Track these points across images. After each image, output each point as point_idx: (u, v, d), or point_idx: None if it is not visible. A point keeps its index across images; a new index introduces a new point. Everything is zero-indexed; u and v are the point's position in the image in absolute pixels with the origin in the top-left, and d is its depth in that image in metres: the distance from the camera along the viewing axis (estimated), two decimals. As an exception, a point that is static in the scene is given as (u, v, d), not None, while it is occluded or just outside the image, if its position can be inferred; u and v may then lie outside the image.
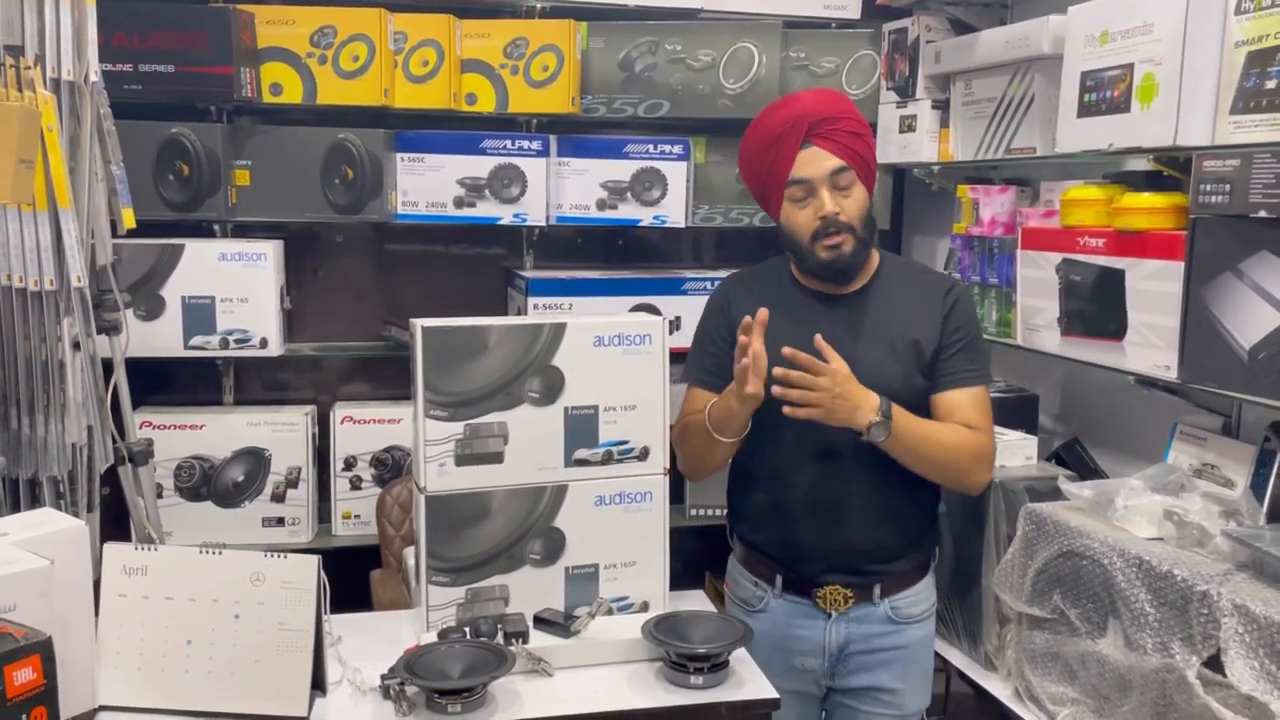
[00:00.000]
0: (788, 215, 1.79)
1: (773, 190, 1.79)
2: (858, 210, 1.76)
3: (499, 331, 1.68)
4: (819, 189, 1.74)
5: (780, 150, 1.75)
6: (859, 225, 1.76)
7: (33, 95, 1.68)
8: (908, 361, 1.79)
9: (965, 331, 1.82)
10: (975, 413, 1.80)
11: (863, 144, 1.78)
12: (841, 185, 1.75)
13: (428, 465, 1.66)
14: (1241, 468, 1.82)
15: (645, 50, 2.68)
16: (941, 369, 1.80)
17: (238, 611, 1.47)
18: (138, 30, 2.40)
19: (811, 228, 1.76)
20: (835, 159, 1.74)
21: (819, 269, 1.79)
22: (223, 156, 2.52)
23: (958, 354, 1.80)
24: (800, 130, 1.74)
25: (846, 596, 1.82)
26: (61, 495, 1.83)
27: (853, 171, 1.75)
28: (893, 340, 1.79)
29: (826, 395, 1.64)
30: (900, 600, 1.84)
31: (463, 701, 1.47)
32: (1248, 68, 1.64)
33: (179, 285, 2.51)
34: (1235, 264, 1.65)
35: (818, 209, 1.75)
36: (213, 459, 2.60)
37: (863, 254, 1.79)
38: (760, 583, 1.89)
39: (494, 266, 2.94)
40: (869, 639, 1.84)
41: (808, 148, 1.74)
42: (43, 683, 1.19)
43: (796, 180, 1.75)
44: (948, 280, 1.90)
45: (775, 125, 1.77)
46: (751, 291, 1.89)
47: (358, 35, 2.51)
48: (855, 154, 1.75)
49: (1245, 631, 1.47)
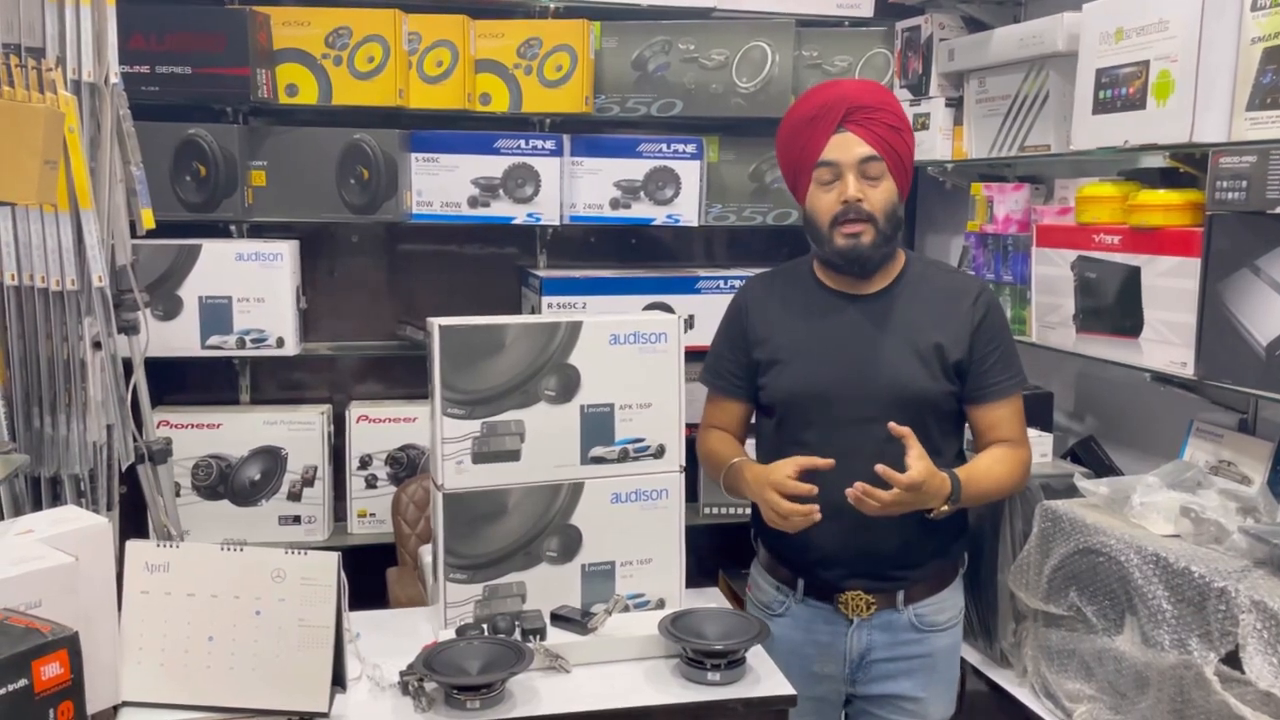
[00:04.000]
0: (812, 198, 1.76)
1: (802, 171, 1.77)
2: (883, 203, 1.73)
3: (516, 330, 1.69)
4: (845, 173, 1.72)
5: (814, 131, 1.73)
6: (882, 218, 1.73)
7: (54, 97, 1.69)
8: (932, 364, 1.76)
9: (999, 340, 1.79)
10: (1015, 425, 1.79)
11: (899, 139, 1.74)
12: (870, 174, 1.72)
13: (445, 463, 1.67)
14: (1258, 464, 1.81)
15: (658, 50, 2.69)
16: (980, 381, 1.77)
17: (259, 608, 1.48)
18: (155, 32, 2.41)
19: (833, 211, 1.73)
20: (867, 147, 1.71)
21: (835, 256, 1.76)
22: (239, 157, 2.53)
23: (994, 365, 1.77)
24: (837, 114, 1.71)
25: (869, 602, 1.78)
26: (82, 493, 1.85)
27: (884, 163, 1.72)
28: (916, 343, 1.76)
29: (901, 507, 1.64)
30: (925, 607, 1.81)
31: (481, 698, 1.48)
32: (1264, 64, 1.63)
33: (196, 285, 2.53)
34: (1252, 260, 1.65)
35: (841, 193, 1.72)
36: (229, 458, 2.62)
37: (883, 248, 1.75)
38: (782, 587, 1.86)
39: (508, 266, 2.95)
40: (891, 646, 1.80)
41: (841, 132, 1.71)
42: (70, 678, 1.20)
43: (825, 162, 1.72)
44: (976, 284, 1.85)
45: (813, 106, 1.75)
46: (771, 292, 1.88)
47: (373, 36, 2.52)
48: (889, 146, 1.72)
49: (1263, 628, 1.47)
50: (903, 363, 1.75)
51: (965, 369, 1.77)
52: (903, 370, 1.74)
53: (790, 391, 1.80)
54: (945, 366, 1.76)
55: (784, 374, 1.80)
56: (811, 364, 1.78)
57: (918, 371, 1.75)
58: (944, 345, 1.76)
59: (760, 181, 2.81)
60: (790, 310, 1.84)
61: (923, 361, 1.76)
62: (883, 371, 1.74)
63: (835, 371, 1.77)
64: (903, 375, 1.74)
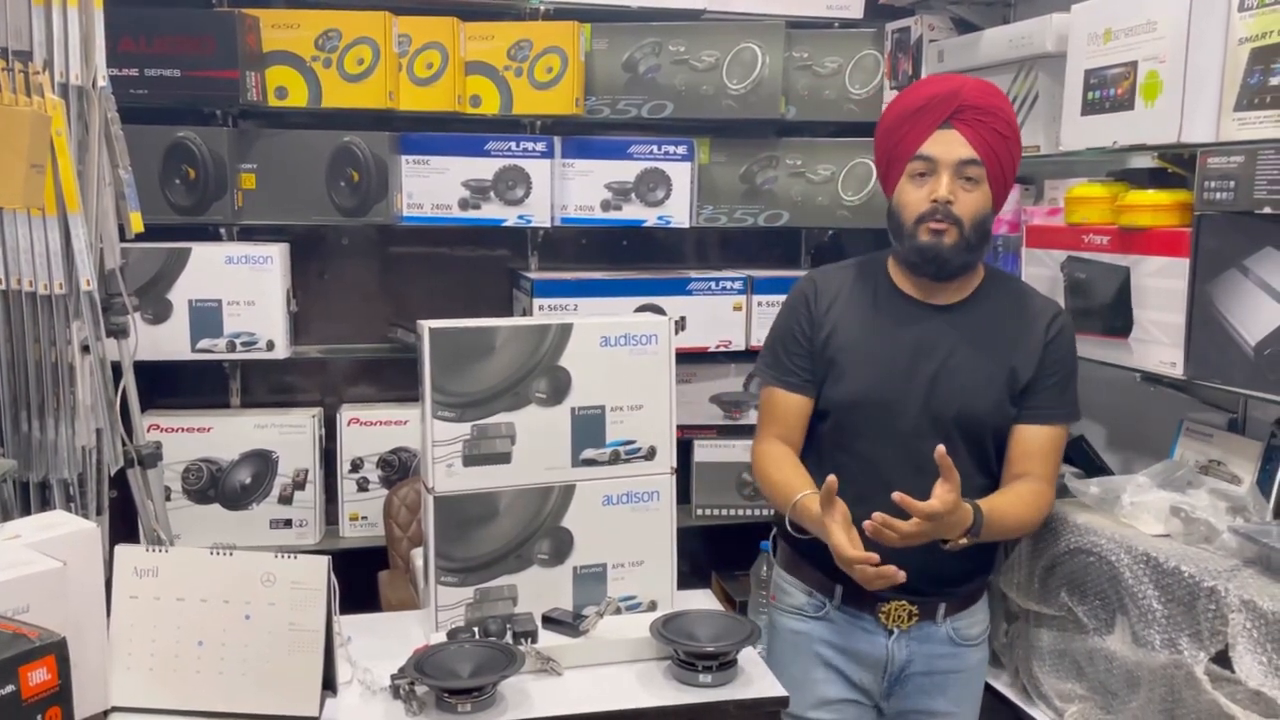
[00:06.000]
0: (901, 192, 1.69)
1: (896, 162, 1.69)
2: (974, 210, 1.66)
3: (506, 332, 1.68)
4: (941, 172, 1.64)
5: (919, 123, 1.66)
6: (969, 225, 1.66)
7: (41, 100, 1.69)
8: (1001, 389, 1.70)
9: (1063, 365, 1.73)
10: (1048, 462, 1.73)
11: (1006, 148, 1.67)
12: (968, 176, 1.65)
13: (436, 466, 1.67)
14: (1248, 464, 1.82)
15: (649, 51, 2.69)
16: (1031, 400, 1.72)
17: (249, 612, 1.48)
18: (144, 34, 2.40)
19: (920, 208, 1.66)
20: (970, 149, 1.64)
21: (913, 254, 1.68)
22: (228, 160, 2.52)
23: (1051, 388, 1.72)
24: (946, 109, 1.64)
25: (911, 613, 1.74)
26: (71, 498, 1.84)
27: (984, 169, 1.65)
28: (991, 365, 1.70)
29: (920, 538, 1.55)
30: (961, 621, 1.78)
31: (473, 701, 1.48)
32: (1251, 64, 1.64)
33: (186, 289, 2.52)
34: (1240, 260, 1.66)
35: (932, 190, 1.64)
36: (220, 461, 2.61)
37: (964, 255, 1.68)
38: (814, 591, 1.80)
39: (499, 268, 2.94)
40: (930, 659, 1.77)
41: (947, 128, 1.65)
42: (57, 683, 1.20)
43: (923, 156, 1.65)
44: (1052, 307, 1.79)
45: (923, 97, 1.68)
46: (840, 284, 1.79)
47: (362, 38, 2.51)
48: (993, 152, 1.65)
49: (1253, 627, 1.48)
50: (974, 384, 1.70)
51: (1024, 390, 1.71)
52: (973, 392, 1.69)
53: (851, 398, 1.72)
54: (1014, 393, 1.71)
55: (845, 378, 1.73)
56: (876, 371, 1.71)
57: (988, 395, 1.70)
58: (1017, 369, 1.70)
59: (751, 183, 2.81)
60: (859, 309, 1.76)
61: (994, 385, 1.70)
62: (952, 390, 1.68)
63: (901, 383, 1.70)
64: (973, 397, 1.69)
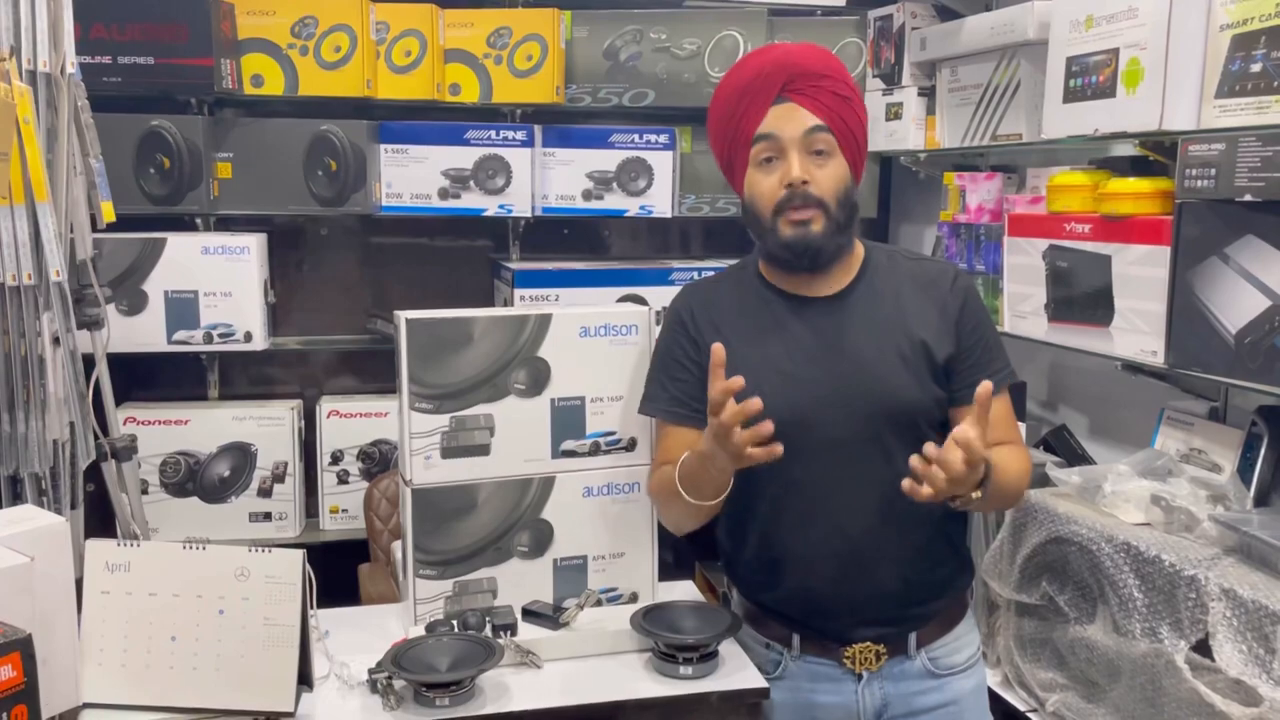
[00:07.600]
0: (750, 182, 1.53)
1: (738, 149, 1.53)
2: (833, 184, 1.50)
3: (484, 323, 1.67)
4: (789, 151, 1.48)
5: (753, 101, 1.50)
6: (833, 202, 1.49)
7: (8, 88, 1.65)
8: (919, 367, 1.53)
9: (982, 330, 1.58)
10: (1009, 427, 1.60)
11: (849, 110, 1.51)
12: (817, 149, 1.49)
13: (413, 458, 1.65)
14: (1229, 452, 1.82)
15: (630, 39, 2.67)
16: (966, 378, 1.53)
17: (222, 607, 1.46)
18: (116, 21, 2.37)
19: (776, 196, 1.49)
20: (813, 117, 1.48)
21: (781, 250, 1.52)
22: (204, 149, 2.49)
23: (979, 356, 1.56)
24: (776, 82, 1.49)
25: (879, 653, 1.56)
26: (44, 492, 1.81)
27: (832, 135, 1.49)
28: (898, 344, 1.53)
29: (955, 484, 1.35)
30: (938, 650, 1.59)
31: (451, 695, 1.47)
32: (1233, 51, 1.63)
33: (161, 280, 2.49)
34: (1221, 248, 1.65)
35: (784, 175, 1.48)
36: (198, 454, 2.58)
37: (836, 239, 1.52)
38: (774, 644, 1.62)
39: (480, 258, 2.92)
40: (908, 699, 1.58)
41: (782, 103, 1.49)
42: (23, 681, 1.18)
43: (764, 135, 1.49)
44: (949, 269, 1.63)
45: (748, 75, 1.51)
46: (712, 300, 1.62)
47: (339, 25, 2.48)
48: (838, 116, 1.49)
49: (1233, 615, 1.48)
50: (887, 370, 1.52)
51: (952, 367, 1.55)
52: (888, 379, 1.52)
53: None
54: (934, 368, 1.54)
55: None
56: (778, 385, 1.50)
57: (905, 377, 1.52)
58: (928, 342, 1.53)
59: (733, 172, 2.80)
60: (742, 320, 1.59)
61: (908, 365, 1.53)
62: (870, 384, 1.51)
63: (809, 391, 1.52)
64: (890, 384, 1.51)
